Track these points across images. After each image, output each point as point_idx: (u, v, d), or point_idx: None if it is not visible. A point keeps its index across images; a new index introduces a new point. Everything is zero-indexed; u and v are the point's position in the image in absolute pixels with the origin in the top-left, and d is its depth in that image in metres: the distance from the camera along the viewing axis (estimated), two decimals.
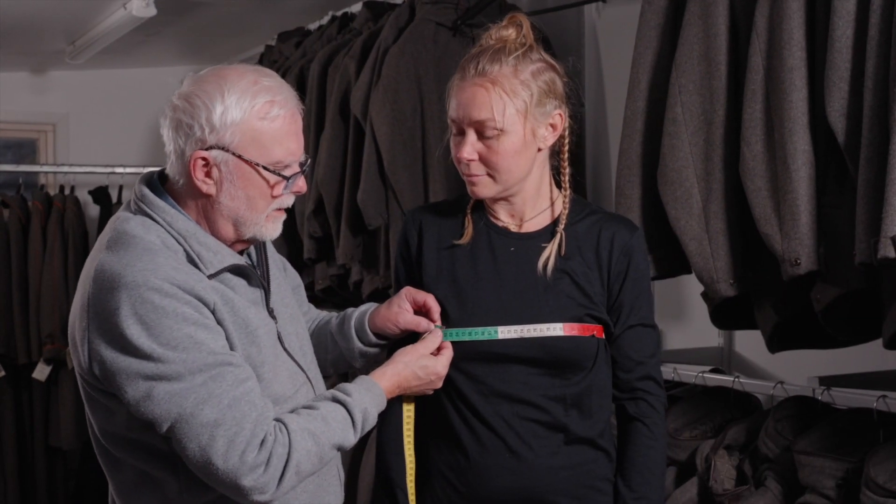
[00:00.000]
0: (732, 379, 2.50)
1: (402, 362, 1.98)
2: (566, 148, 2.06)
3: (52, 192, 5.31)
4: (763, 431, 2.36)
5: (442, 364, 2.00)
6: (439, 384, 2.02)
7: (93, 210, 5.32)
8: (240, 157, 1.80)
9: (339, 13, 4.12)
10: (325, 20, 4.19)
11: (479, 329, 2.01)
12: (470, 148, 1.97)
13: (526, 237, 2.06)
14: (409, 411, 2.08)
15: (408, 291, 2.08)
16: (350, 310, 2.18)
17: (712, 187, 2.31)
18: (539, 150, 2.02)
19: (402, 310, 2.07)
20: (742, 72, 2.26)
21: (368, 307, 2.15)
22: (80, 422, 5.03)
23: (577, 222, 2.07)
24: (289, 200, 1.89)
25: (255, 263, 1.97)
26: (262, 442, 1.72)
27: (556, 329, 1.99)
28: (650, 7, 2.48)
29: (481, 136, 1.96)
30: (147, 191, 1.86)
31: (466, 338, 2.01)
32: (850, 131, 2.01)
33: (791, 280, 2.13)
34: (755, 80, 2.18)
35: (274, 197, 1.84)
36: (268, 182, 1.83)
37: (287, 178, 1.84)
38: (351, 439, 1.84)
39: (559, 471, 2.01)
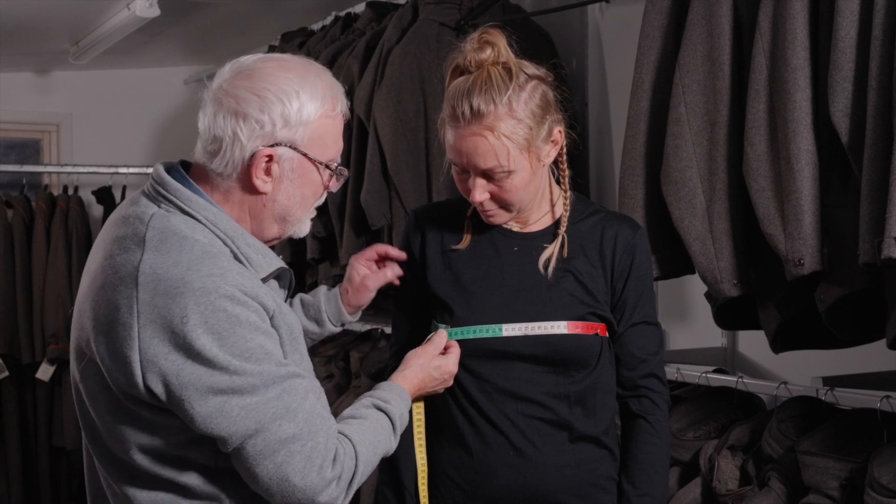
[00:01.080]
0: (736, 379, 2.50)
1: (417, 366, 2.00)
2: (564, 151, 2.06)
3: (56, 192, 5.32)
4: (767, 432, 2.36)
5: (452, 362, 2.02)
6: (451, 382, 2.04)
7: (96, 210, 5.33)
8: (305, 154, 1.73)
9: (342, 13, 4.12)
10: (329, 20, 4.20)
11: (484, 327, 2.01)
12: (481, 191, 1.96)
13: (529, 237, 2.07)
14: (419, 411, 2.08)
15: (355, 258, 2.14)
16: (307, 297, 2.16)
17: (716, 187, 2.31)
18: (543, 165, 2.02)
19: (366, 276, 2.12)
20: (745, 72, 2.26)
21: (329, 293, 2.15)
22: None
23: (580, 221, 2.07)
24: (321, 198, 1.84)
25: None
26: (335, 456, 1.67)
27: (560, 327, 1.99)
28: (653, 7, 2.48)
29: (490, 179, 1.95)
30: (178, 184, 1.73)
31: (471, 336, 2.02)
32: (853, 131, 2.00)
33: (795, 280, 2.13)
34: (759, 80, 2.18)
35: (313, 193, 1.79)
36: (319, 177, 1.77)
37: (345, 176, 1.82)
38: (393, 446, 1.85)
39: (564, 469, 2.01)
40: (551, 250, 2.03)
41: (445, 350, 2.03)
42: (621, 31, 3.27)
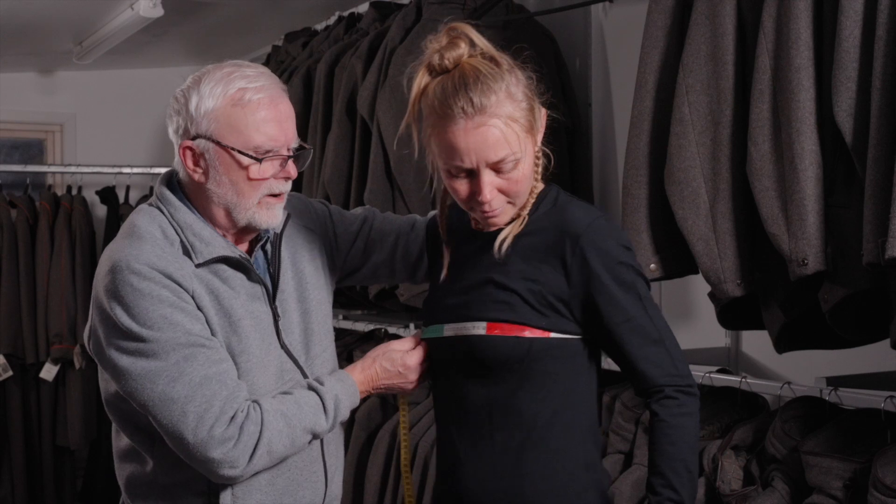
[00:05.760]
0: (739, 379, 2.50)
1: (371, 357, 2.01)
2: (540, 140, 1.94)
3: (60, 192, 5.33)
4: (770, 432, 2.36)
5: (412, 357, 1.98)
6: (412, 377, 1.99)
7: (100, 210, 5.33)
8: (218, 143, 1.87)
9: (345, 13, 4.12)
10: (332, 20, 4.20)
11: (433, 327, 1.95)
12: (490, 187, 1.82)
13: (494, 233, 1.93)
14: (403, 417, 2.04)
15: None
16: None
17: (719, 187, 2.31)
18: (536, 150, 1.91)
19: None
20: (749, 71, 2.26)
21: None
22: (88, 421, 5.05)
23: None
24: (279, 186, 1.92)
25: (269, 260, 2.00)
26: (232, 418, 1.81)
27: (480, 328, 1.88)
28: (657, 7, 2.48)
29: (499, 172, 1.81)
30: (164, 187, 1.96)
31: (427, 335, 1.96)
32: (857, 131, 2.00)
33: (798, 280, 2.13)
34: (762, 80, 2.18)
35: (252, 179, 1.88)
36: (240, 164, 1.87)
37: (259, 160, 1.87)
38: (323, 424, 1.90)
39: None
40: (507, 235, 1.89)
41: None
42: (625, 31, 3.27)
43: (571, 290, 1.84)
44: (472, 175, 1.82)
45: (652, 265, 2.45)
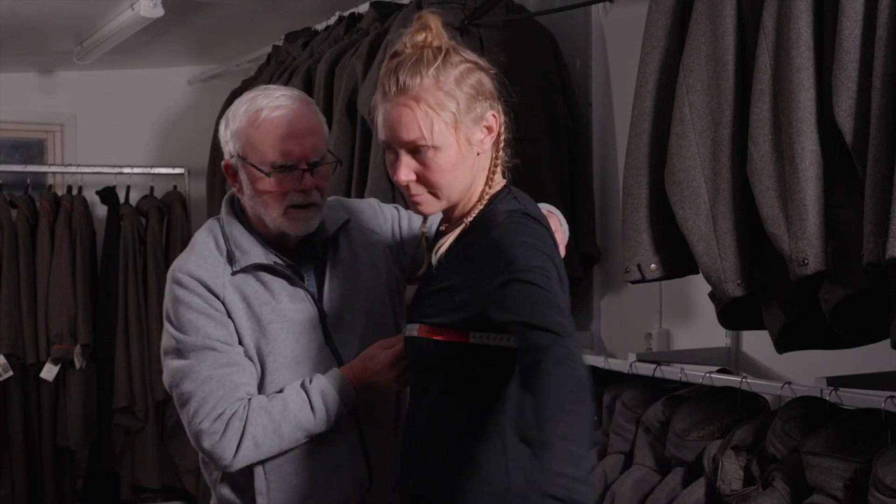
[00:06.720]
0: (740, 379, 2.50)
1: (361, 357, 2.09)
2: (500, 145, 1.92)
3: (60, 192, 5.33)
4: (771, 432, 2.36)
5: (386, 354, 2.05)
6: (391, 375, 2.05)
7: (100, 210, 5.33)
8: (243, 159, 2.07)
9: (346, 13, 4.12)
10: (333, 20, 4.20)
11: (406, 326, 1.97)
12: (406, 169, 1.84)
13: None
14: None
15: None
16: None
17: (720, 187, 2.31)
18: (478, 154, 1.88)
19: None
20: (749, 71, 2.26)
21: None
22: (88, 421, 5.05)
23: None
24: (298, 198, 2.05)
25: (319, 261, 2.14)
26: (220, 415, 2.01)
27: (414, 329, 1.91)
28: (657, 7, 2.48)
29: (415, 154, 1.83)
30: (225, 201, 2.19)
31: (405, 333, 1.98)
32: (858, 131, 2.00)
33: (799, 280, 2.13)
34: (763, 80, 2.18)
35: (266, 192, 2.04)
36: (257, 179, 2.05)
37: (267, 175, 2.03)
38: (311, 419, 2.03)
39: None
40: (446, 240, 1.89)
41: None
42: (625, 32, 3.27)
43: (486, 291, 1.77)
44: (396, 155, 1.86)
45: (652, 265, 2.45)
